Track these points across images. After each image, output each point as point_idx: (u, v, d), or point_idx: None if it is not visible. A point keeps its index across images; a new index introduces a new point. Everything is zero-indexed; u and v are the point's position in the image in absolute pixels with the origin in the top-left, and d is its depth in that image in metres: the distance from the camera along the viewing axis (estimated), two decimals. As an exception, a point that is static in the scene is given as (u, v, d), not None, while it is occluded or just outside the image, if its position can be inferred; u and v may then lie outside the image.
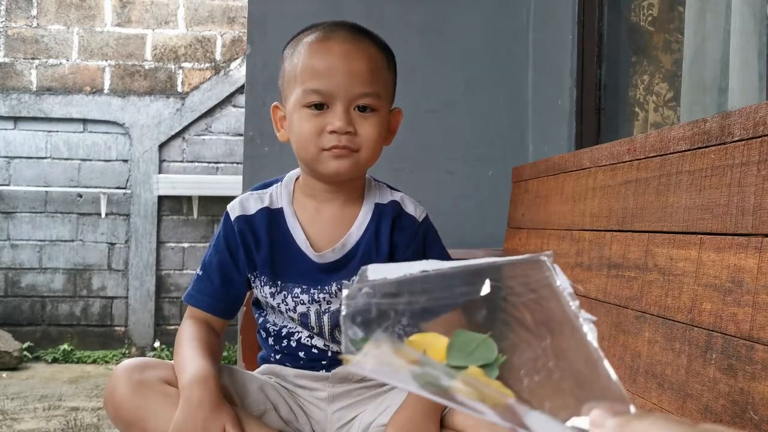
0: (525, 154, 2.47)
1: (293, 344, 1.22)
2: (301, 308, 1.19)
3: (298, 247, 1.19)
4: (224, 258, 1.21)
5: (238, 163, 4.55)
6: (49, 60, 4.59)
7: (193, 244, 4.63)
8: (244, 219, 1.21)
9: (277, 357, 1.25)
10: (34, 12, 4.59)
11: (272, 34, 2.56)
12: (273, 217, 1.22)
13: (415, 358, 0.50)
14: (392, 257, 1.20)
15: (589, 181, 1.62)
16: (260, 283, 1.21)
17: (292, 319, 1.21)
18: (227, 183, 4.50)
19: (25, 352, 4.32)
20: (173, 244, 4.63)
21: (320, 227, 1.21)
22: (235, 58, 4.69)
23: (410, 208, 1.25)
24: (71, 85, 4.59)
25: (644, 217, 1.33)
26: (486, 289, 0.57)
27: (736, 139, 1.07)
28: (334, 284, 1.19)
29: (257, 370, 1.27)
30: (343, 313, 0.55)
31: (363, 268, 0.57)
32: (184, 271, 4.64)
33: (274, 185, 1.26)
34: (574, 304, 0.56)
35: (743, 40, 1.52)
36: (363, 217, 1.21)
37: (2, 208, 4.53)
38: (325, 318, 1.19)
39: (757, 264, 0.98)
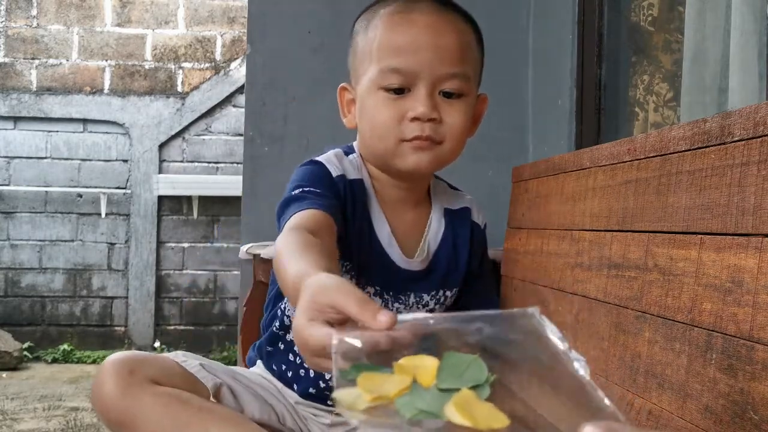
0: (525, 154, 2.46)
1: None
2: None
3: (380, 243, 1.03)
4: (332, 188, 0.98)
5: (238, 163, 4.55)
6: (49, 60, 4.59)
7: (193, 244, 4.63)
8: (347, 182, 1.00)
9: (284, 370, 1.11)
10: (34, 12, 4.59)
11: (272, 34, 2.56)
12: (365, 194, 1.02)
13: (406, 385, 0.50)
14: (467, 273, 1.08)
15: (589, 181, 1.62)
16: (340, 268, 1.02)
17: None
18: (227, 183, 4.50)
19: (25, 352, 4.32)
20: (173, 244, 4.63)
21: (400, 222, 1.05)
22: (235, 58, 4.69)
23: (476, 215, 1.13)
24: (71, 85, 4.59)
25: (644, 217, 1.33)
26: (475, 333, 0.56)
27: (736, 139, 1.07)
28: (412, 295, 1.05)
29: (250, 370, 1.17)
30: (333, 350, 0.54)
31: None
32: (184, 271, 4.64)
33: (353, 155, 1.05)
34: (564, 346, 0.56)
35: (743, 40, 1.52)
36: (437, 225, 1.08)
37: (2, 208, 4.53)
38: None
39: (757, 264, 0.98)
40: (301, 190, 0.97)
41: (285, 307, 1.11)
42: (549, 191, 1.90)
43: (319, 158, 1.03)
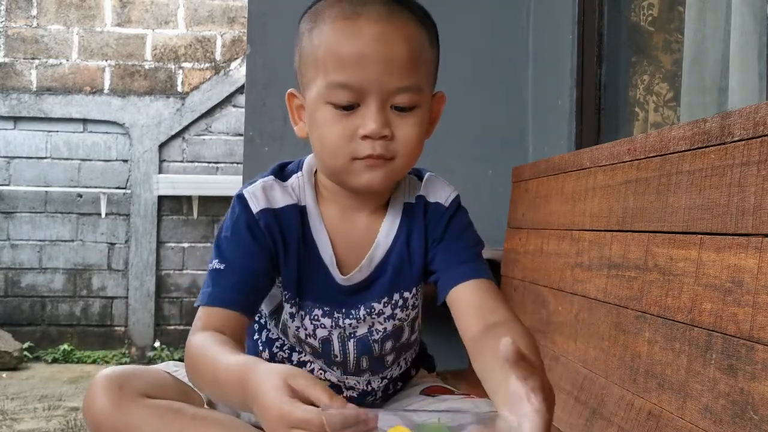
0: (525, 154, 2.46)
1: None
2: (321, 332, 1.04)
3: (322, 261, 1.01)
4: (249, 246, 0.97)
5: (238, 163, 4.55)
6: (49, 60, 4.59)
7: (193, 244, 4.64)
8: (271, 214, 0.98)
9: None
10: (34, 12, 4.59)
11: (272, 34, 2.56)
12: (302, 218, 1.00)
13: None
14: (426, 263, 1.03)
15: (589, 181, 1.62)
16: (283, 300, 1.03)
17: (310, 346, 1.05)
18: (227, 183, 4.50)
19: (25, 352, 4.32)
20: (173, 244, 4.63)
21: (346, 237, 1.02)
22: (235, 58, 4.69)
23: (436, 194, 1.06)
24: (71, 85, 4.59)
25: (644, 217, 1.33)
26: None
27: (736, 139, 1.07)
28: (362, 307, 1.03)
29: None
30: (326, 421, 0.66)
31: None
32: (184, 271, 4.64)
33: (294, 176, 1.04)
34: None
35: (743, 40, 1.52)
36: (390, 223, 1.03)
37: (2, 208, 4.53)
38: (350, 344, 1.05)
39: (757, 264, 0.98)
40: (222, 264, 0.97)
41: (268, 330, 1.11)
42: (549, 191, 1.90)
43: (246, 191, 1.00)
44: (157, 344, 4.55)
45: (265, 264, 0.99)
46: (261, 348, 1.11)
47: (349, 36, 0.89)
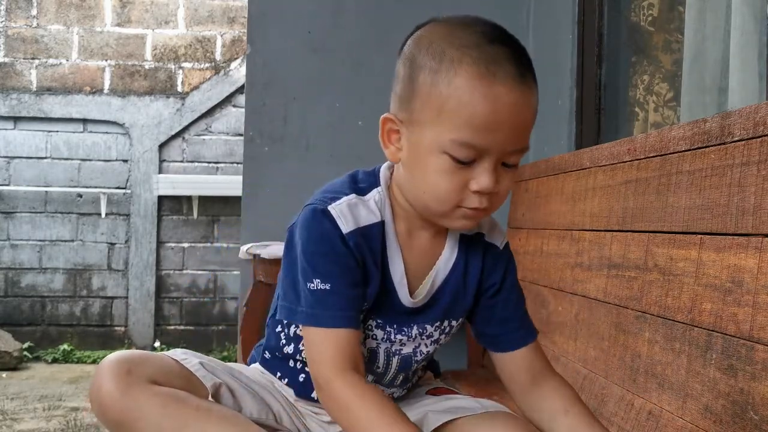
0: (525, 154, 2.46)
1: None
2: (371, 343, 1.05)
3: (392, 281, 1.02)
4: (349, 261, 0.98)
5: (238, 163, 4.55)
6: (49, 60, 4.59)
7: (193, 244, 4.64)
8: (359, 233, 0.99)
9: (279, 376, 1.11)
10: (34, 12, 4.59)
11: (272, 34, 2.56)
12: (382, 236, 1.01)
13: None
14: (478, 297, 1.07)
15: (589, 181, 1.62)
16: None
17: None
18: (227, 183, 4.51)
19: (25, 352, 4.32)
20: (173, 244, 4.63)
21: (414, 257, 1.04)
22: (235, 58, 4.69)
23: (494, 236, 1.09)
24: (71, 85, 4.59)
25: (644, 217, 1.33)
26: None
27: (736, 139, 1.07)
28: (415, 327, 1.05)
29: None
30: None
31: None
32: (184, 271, 4.64)
33: (375, 190, 1.03)
34: None
35: (743, 40, 1.52)
36: (449, 253, 1.06)
37: (2, 208, 4.53)
38: (395, 360, 1.07)
39: (757, 264, 0.98)
40: (327, 284, 0.97)
41: (286, 332, 1.11)
42: (549, 191, 1.90)
43: (331, 208, 0.98)
44: (157, 344, 4.55)
45: (361, 278, 1.00)
46: (284, 342, 1.10)
47: (485, 101, 0.89)
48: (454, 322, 1.09)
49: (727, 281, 1.04)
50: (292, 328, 1.10)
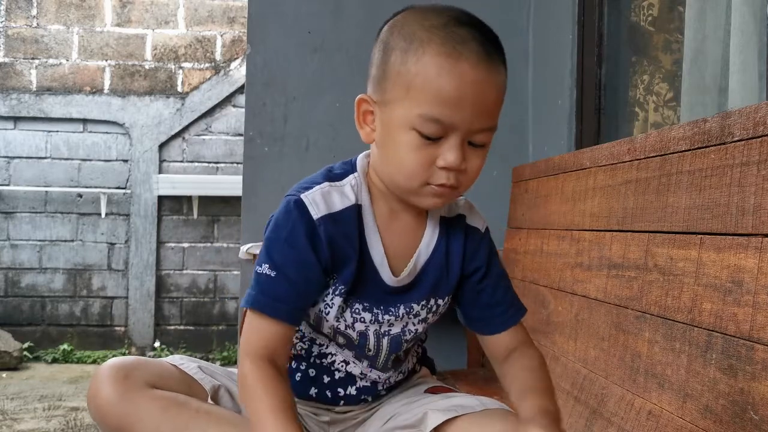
0: (525, 154, 2.46)
1: (317, 366, 1.09)
2: (359, 326, 1.06)
3: (372, 263, 1.04)
4: (306, 257, 0.99)
5: (238, 163, 4.55)
6: (49, 60, 4.59)
7: (193, 244, 4.64)
8: (331, 219, 1.01)
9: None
10: (34, 12, 4.59)
11: (272, 34, 2.56)
12: (359, 216, 1.04)
13: None
14: (462, 279, 1.09)
15: (589, 181, 1.62)
16: (332, 293, 1.04)
17: (346, 337, 1.07)
18: (227, 183, 4.51)
19: (25, 352, 4.32)
20: (173, 244, 4.63)
21: (394, 239, 1.06)
22: (235, 58, 4.69)
23: (474, 219, 1.12)
24: (71, 85, 4.59)
25: (644, 217, 1.33)
26: None
27: (736, 139, 1.07)
28: (402, 306, 1.07)
29: None
30: None
31: None
32: (184, 271, 4.64)
33: (351, 175, 1.06)
34: None
35: (743, 40, 1.52)
36: (430, 235, 1.08)
37: (2, 208, 4.53)
38: (385, 341, 1.08)
39: (757, 264, 0.98)
40: (274, 271, 0.99)
41: None
42: (549, 191, 1.90)
43: (305, 196, 1.01)
44: (157, 344, 4.55)
45: (319, 275, 1.01)
46: None
47: (450, 77, 0.92)
48: (440, 301, 1.10)
49: (727, 281, 1.04)
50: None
